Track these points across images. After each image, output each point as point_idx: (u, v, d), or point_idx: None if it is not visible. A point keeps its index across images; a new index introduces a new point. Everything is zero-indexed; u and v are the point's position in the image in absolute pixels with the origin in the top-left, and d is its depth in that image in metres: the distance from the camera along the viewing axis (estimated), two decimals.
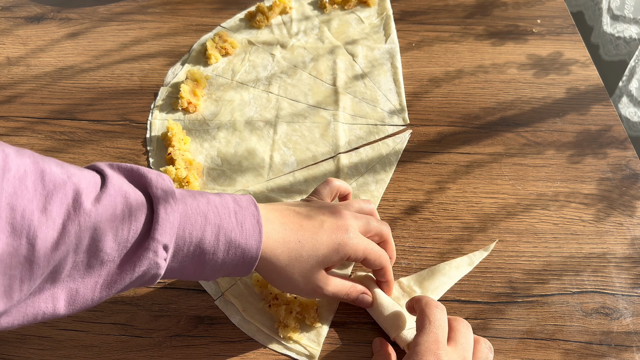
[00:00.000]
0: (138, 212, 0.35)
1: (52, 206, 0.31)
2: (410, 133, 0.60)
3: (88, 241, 0.33)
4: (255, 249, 0.39)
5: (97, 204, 0.33)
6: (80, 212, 0.32)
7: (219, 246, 0.38)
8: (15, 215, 0.30)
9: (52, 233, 0.31)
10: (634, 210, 0.53)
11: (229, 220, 0.39)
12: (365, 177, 0.56)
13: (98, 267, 0.34)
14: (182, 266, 0.38)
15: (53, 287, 0.33)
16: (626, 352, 0.44)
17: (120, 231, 0.34)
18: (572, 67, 0.67)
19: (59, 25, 0.74)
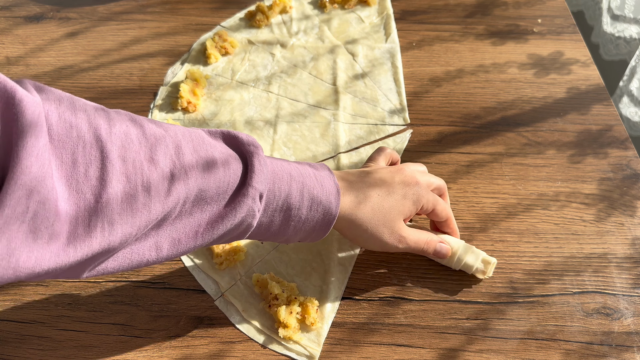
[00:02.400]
0: (235, 164, 0.37)
1: (158, 156, 0.33)
2: (411, 133, 0.60)
3: (193, 189, 0.34)
4: (334, 207, 0.41)
5: (196, 155, 0.35)
6: (183, 160, 0.34)
7: (303, 202, 0.40)
8: (127, 165, 0.31)
9: (162, 180, 0.33)
10: (635, 210, 0.53)
11: (310, 178, 0.41)
12: None
13: (199, 213, 0.35)
14: (271, 220, 0.40)
15: (157, 235, 0.34)
16: (627, 353, 0.44)
17: (220, 179, 0.36)
18: (573, 67, 0.66)
19: (58, 25, 0.74)
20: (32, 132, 0.27)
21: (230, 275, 0.49)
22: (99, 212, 0.30)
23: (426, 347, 0.45)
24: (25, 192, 0.27)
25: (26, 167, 0.27)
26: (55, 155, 0.29)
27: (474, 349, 0.44)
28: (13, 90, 0.27)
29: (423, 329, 0.45)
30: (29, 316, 0.47)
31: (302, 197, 0.40)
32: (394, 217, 0.44)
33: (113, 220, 0.31)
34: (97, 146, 0.31)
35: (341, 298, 0.48)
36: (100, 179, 0.30)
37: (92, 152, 0.31)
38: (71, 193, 0.29)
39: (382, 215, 0.43)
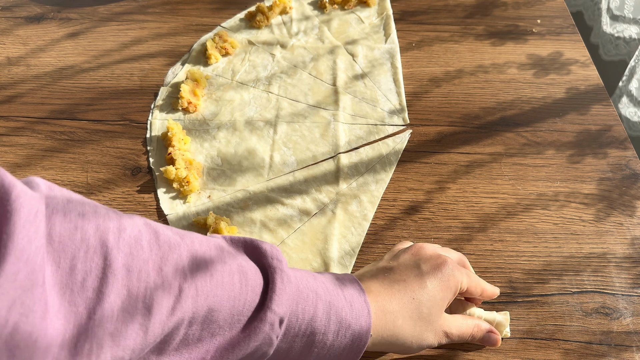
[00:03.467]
0: (254, 281, 0.33)
1: (168, 267, 0.29)
2: (410, 133, 0.60)
3: (203, 311, 0.30)
4: (365, 332, 0.36)
5: (212, 268, 0.31)
6: (195, 274, 0.30)
7: (330, 326, 0.35)
8: (131, 277, 0.28)
9: (168, 297, 0.29)
10: (634, 210, 0.53)
11: (338, 298, 0.36)
12: (365, 177, 0.56)
13: (208, 339, 0.31)
14: (290, 347, 0.34)
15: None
16: (626, 352, 0.44)
17: (236, 299, 0.31)
18: (572, 67, 0.67)
19: (59, 25, 0.74)
20: (25, 234, 0.24)
21: None
22: (89, 332, 0.26)
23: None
24: (7, 303, 0.23)
25: (12, 273, 0.23)
26: (52, 260, 0.26)
27: (474, 349, 0.44)
28: (10, 187, 0.24)
29: None
30: None
31: (329, 321, 0.35)
32: (436, 317, 0.39)
33: (103, 343, 0.26)
34: (101, 252, 0.27)
35: None
36: (97, 291, 0.26)
37: (95, 258, 0.27)
38: (62, 304, 0.25)
39: (422, 322, 0.38)
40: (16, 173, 0.57)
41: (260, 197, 0.55)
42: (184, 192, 0.54)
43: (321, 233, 0.52)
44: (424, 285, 0.38)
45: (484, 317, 0.44)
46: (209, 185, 0.56)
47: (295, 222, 0.53)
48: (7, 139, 0.60)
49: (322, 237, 0.51)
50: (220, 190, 0.55)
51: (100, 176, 0.57)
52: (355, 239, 0.51)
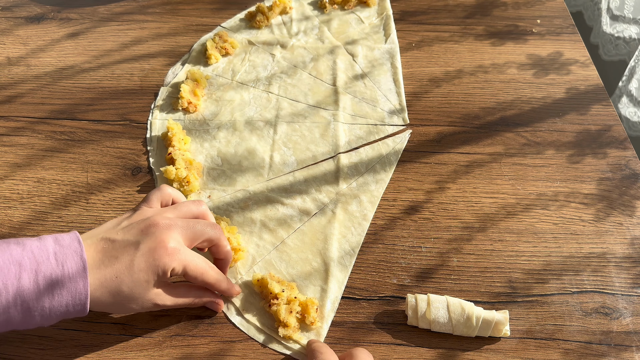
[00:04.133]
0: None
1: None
2: (410, 133, 0.60)
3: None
4: (82, 287, 0.38)
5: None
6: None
7: (41, 290, 0.37)
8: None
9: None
10: (634, 210, 0.53)
11: (47, 263, 0.38)
12: (365, 177, 0.56)
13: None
14: (7, 318, 0.37)
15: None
16: (626, 352, 0.44)
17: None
18: (572, 67, 0.67)
19: (59, 25, 0.74)
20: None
21: (231, 275, 0.49)
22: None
23: (425, 347, 0.45)
24: None
25: None
26: None
27: (473, 349, 0.44)
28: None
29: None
30: None
31: (37, 287, 0.37)
32: (137, 296, 0.41)
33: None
34: None
35: (341, 297, 0.48)
36: None
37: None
38: None
39: (122, 298, 0.41)
40: (16, 173, 0.57)
41: (260, 197, 0.55)
42: (184, 192, 0.55)
43: (321, 233, 0.52)
44: (132, 266, 0.40)
45: (483, 316, 0.44)
46: (209, 185, 0.56)
47: (295, 222, 0.53)
48: (7, 139, 0.60)
49: (322, 237, 0.51)
50: (220, 190, 0.55)
51: (101, 176, 0.57)
52: (355, 238, 0.51)
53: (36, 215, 0.53)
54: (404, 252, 0.50)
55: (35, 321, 0.39)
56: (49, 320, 0.39)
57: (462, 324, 0.44)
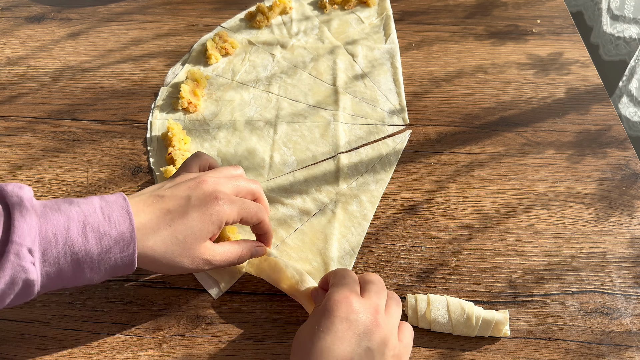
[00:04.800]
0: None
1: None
2: (410, 133, 0.60)
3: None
4: (130, 238, 0.39)
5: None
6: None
7: (89, 241, 0.38)
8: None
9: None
10: (634, 210, 0.53)
11: (94, 215, 0.38)
12: (365, 177, 0.56)
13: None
14: (58, 269, 0.37)
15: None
16: (626, 352, 0.44)
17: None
18: (572, 67, 0.67)
19: (59, 25, 0.74)
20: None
21: (231, 274, 0.49)
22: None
23: (426, 347, 0.45)
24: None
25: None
26: None
27: (473, 348, 0.44)
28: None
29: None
30: (30, 315, 0.47)
31: (85, 236, 0.37)
32: (190, 246, 0.41)
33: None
34: None
35: None
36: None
37: None
38: None
39: (176, 247, 0.41)
40: (16, 173, 0.57)
41: None
42: None
43: (321, 233, 0.52)
44: (186, 215, 0.41)
45: (483, 316, 0.44)
46: None
47: (295, 222, 0.53)
48: (7, 139, 0.60)
49: (322, 237, 0.51)
50: None
51: (101, 176, 0.57)
52: (355, 238, 0.51)
53: None
54: (404, 252, 0.50)
55: (85, 275, 0.39)
56: (98, 274, 0.39)
57: (462, 324, 0.44)
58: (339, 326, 0.37)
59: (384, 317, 0.39)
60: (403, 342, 0.40)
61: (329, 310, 0.38)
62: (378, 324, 0.38)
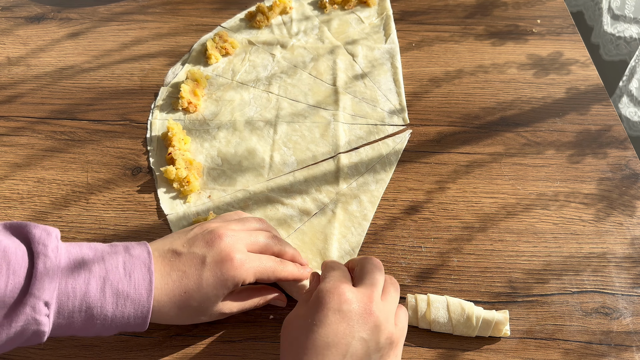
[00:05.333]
0: (17, 267, 0.35)
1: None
2: (410, 133, 0.60)
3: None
4: (146, 300, 0.39)
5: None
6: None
7: (106, 299, 0.38)
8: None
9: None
10: (634, 210, 0.53)
11: (115, 271, 0.38)
12: (365, 177, 0.56)
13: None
14: (70, 322, 0.37)
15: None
16: (626, 352, 0.44)
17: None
18: (572, 67, 0.67)
19: (59, 25, 0.74)
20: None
21: None
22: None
23: (426, 347, 0.45)
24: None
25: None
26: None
27: (473, 349, 0.44)
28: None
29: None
30: None
31: (103, 294, 0.37)
32: (205, 309, 0.41)
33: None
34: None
35: None
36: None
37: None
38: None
39: (190, 312, 0.41)
40: (16, 173, 0.57)
41: (260, 197, 0.55)
42: (184, 192, 0.55)
43: (321, 233, 0.52)
44: (200, 282, 0.40)
45: (483, 316, 0.44)
46: (209, 185, 0.56)
47: (295, 222, 0.53)
48: (7, 139, 0.60)
49: (322, 237, 0.51)
50: (220, 190, 0.55)
51: (101, 176, 0.57)
52: (355, 238, 0.51)
53: (36, 215, 0.53)
54: (404, 252, 0.50)
55: (94, 329, 0.39)
56: (108, 330, 0.39)
57: (462, 324, 0.44)
58: (332, 318, 0.37)
59: (379, 304, 0.39)
60: (399, 326, 0.40)
61: (321, 303, 0.38)
62: (371, 312, 0.38)
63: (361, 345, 0.37)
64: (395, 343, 0.39)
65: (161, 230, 0.52)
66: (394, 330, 0.39)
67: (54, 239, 0.38)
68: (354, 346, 0.37)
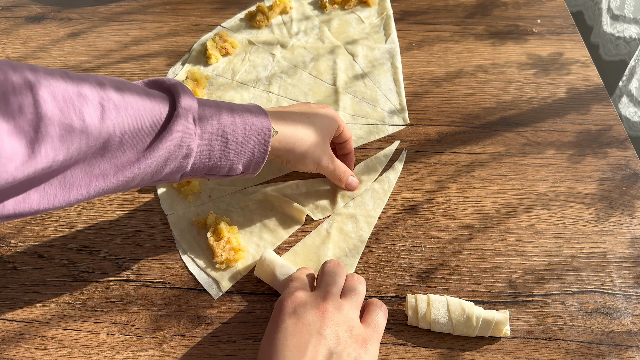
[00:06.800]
0: (161, 98, 0.40)
1: (85, 91, 0.35)
2: (406, 152, 0.60)
3: (129, 120, 0.36)
4: (267, 126, 0.44)
5: (122, 92, 0.37)
6: (109, 93, 0.36)
7: (237, 124, 0.43)
8: (57, 100, 0.33)
9: (93, 109, 0.35)
10: (634, 210, 0.53)
11: (237, 107, 0.44)
12: (363, 196, 0.56)
13: (140, 140, 0.38)
14: (210, 146, 0.42)
15: (102, 161, 0.36)
16: (626, 352, 0.44)
17: (152, 111, 0.38)
18: (572, 67, 0.67)
19: (60, 25, 0.74)
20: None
21: (231, 274, 0.49)
22: (40, 140, 0.32)
23: (426, 347, 0.45)
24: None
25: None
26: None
27: (474, 348, 0.44)
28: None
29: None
30: (29, 316, 0.47)
31: (234, 120, 0.43)
32: (324, 138, 0.49)
33: (55, 145, 0.33)
34: (27, 87, 0.32)
35: None
36: (35, 113, 0.32)
37: (23, 91, 0.32)
38: (11, 130, 0.31)
39: (316, 135, 0.48)
40: None
41: (260, 197, 0.55)
42: (184, 191, 0.55)
43: (314, 254, 0.50)
44: (316, 112, 0.50)
45: (483, 316, 0.44)
46: (209, 185, 0.56)
47: (295, 222, 0.53)
48: None
49: (315, 258, 0.50)
50: (220, 190, 0.55)
51: None
52: (350, 261, 0.50)
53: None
54: (405, 252, 0.50)
55: (229, 157, 0.43)
56: (239, 157, 0.43)
57: (462, 324, 0.44)
58: (289, 321, 0.39)
59: (334, 302, 0.40)
60: (371, 325, 0.41)
61: (278, 310, 0.40)
62: (326, 310, 0.39)
63: (321, 342, 0.38)
64: (366, 340, 0.40)
65: (161, 231, 0.52)
66: (357, 325, 0.40)
67: (184, 86, 0.42)
68: (312, 344, 0.37)
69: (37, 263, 0.50)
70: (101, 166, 0.36)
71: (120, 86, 0.38)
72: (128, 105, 0.37)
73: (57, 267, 0.50)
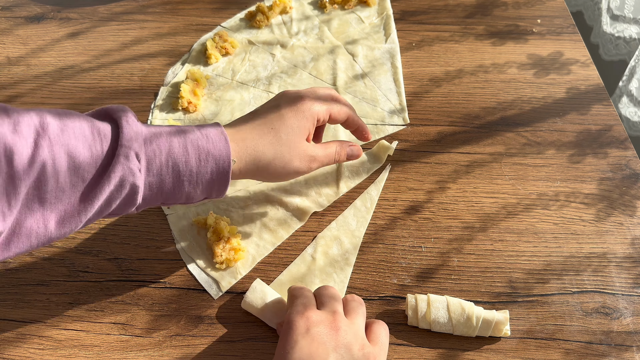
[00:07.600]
0: (106, 131, 0.38)
1: (21, 127, 0.34)
2: (390, 170, 0.60)
3: (65, 159, 0.35)
4: (225, 153, 0.41)
5: (64, 126, 0.36)
6: (48, 130, 0.35)
7: (190, 155, 0.40)
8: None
9: (26, 149, 0.34)
10: (635, 210, 0.53)
11: (192, 133, 0.41)
12: (345, 215, 0.55)
13: (79, 183, 0.36)
14: (161, 180, 0.39)
15: (42, 209, 0.35)
16: (626, 352, 0.44)
17: (91, 144, 0.37)
18: (572, 67, 0.67)
19: (59, 25, 0.74)
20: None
21: (231, 274, 0.49)
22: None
23: (426, 347, 0.45)
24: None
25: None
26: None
27: (474, 349, 0.44)
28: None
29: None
30: (29, 316, 0.47)
31: (186, 151, 0.40)
32: (296, 142, 0.44)
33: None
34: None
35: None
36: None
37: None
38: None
39: (284, 145, 0.44)
40: None
41: (260, 197, 0.55)
42: None
43: (301, 282, 0.49)
44: (282, 116, 0.44)
45: (483, 316, 0.44)
46: None
47: (295, 222, 0.53)
48: None
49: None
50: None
51: None
52: (338, 286, 0.48)
53: None
54: (404, 252, 0.50)
55: (183, 189, 0.40)
56: (196, 188, 0.41)
57: (462, 324, 0.44)
58: (303, 342, 0.38)
59: (344, 320, 0.40)
60: (378, 343, 0.40)
61: (291, 329, 0.39)
62: (339, 327, 0.39)
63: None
64: (376, 358, 0.39)
65: (161, 231, 0.52)
66: (367, 343, 0.40)
67: (132, 115, 0.40)
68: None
69: (37, 263, 0.50)
70: (41, 212, 0.35)
71: (62, 117, 0.37)
72: (66, 140, 0.36)
73: (57, 267, 0.50)
